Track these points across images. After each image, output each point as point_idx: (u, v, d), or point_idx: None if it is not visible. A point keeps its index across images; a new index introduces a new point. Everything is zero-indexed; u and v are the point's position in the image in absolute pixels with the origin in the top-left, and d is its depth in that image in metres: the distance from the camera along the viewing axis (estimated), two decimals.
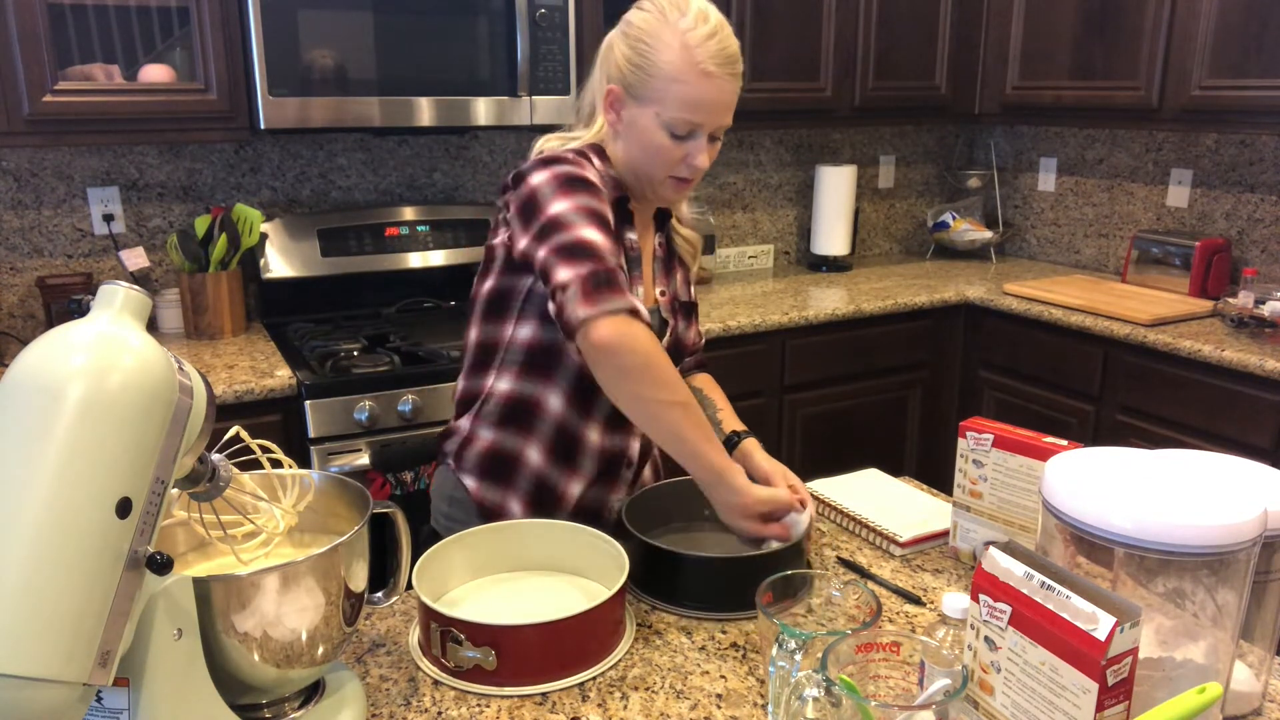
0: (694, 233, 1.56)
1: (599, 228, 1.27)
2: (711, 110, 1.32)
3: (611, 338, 1.21)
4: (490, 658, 1.08)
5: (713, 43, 1.30)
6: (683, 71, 1.29)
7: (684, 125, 1.32)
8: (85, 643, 0.73)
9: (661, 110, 1.31)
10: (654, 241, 1.50)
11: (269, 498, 1.08)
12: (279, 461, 1.10)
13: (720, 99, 1.32)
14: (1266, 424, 2.44)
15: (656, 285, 1.49)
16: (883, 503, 1.53)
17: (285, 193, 2.80)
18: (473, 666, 1.09)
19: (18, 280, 2.54)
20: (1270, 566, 1.01)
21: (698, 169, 1.35)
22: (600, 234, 1.26)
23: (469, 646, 1.09)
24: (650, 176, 1.37)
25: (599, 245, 1.25)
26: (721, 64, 1.31)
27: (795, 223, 3.65)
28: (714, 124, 1.34)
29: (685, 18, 1.31)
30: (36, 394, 0.74)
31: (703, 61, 1.29)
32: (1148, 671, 0.99)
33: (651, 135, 1.33)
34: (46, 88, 2.17)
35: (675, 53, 1.29)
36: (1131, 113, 2.95)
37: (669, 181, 1.37)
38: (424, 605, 1.13)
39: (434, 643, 1.12)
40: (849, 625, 1.08)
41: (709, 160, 1.36)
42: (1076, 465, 1.04)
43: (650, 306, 1.46)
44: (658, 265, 1.50)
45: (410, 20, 2.42)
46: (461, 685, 1.10)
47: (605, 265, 1.24)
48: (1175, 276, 3.05)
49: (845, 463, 1.93)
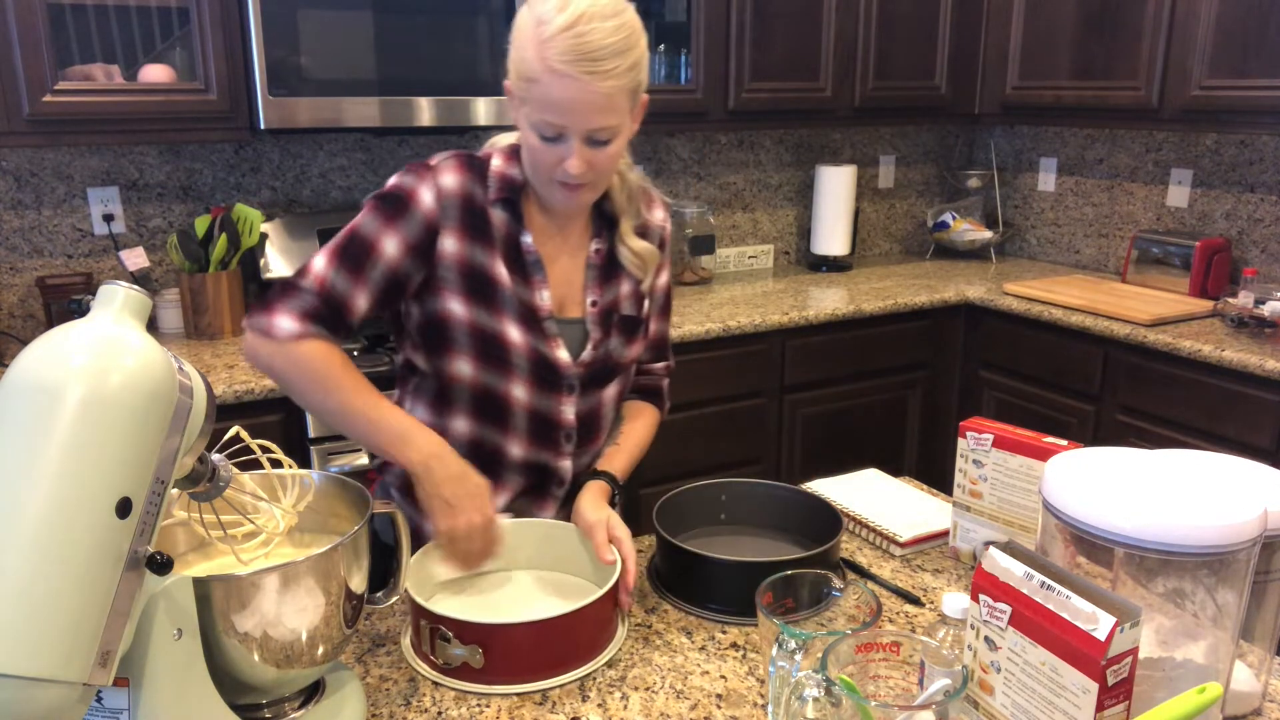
0: (648, 246, 1.42)
1: (335, 256, 1.28)
2: (571, 112, 1.19)
3: (244, 345, 1.29)
4: (478, 655, 1.09)
5: (564, 38, 1.16)
6: (536, 70, 1.18)
7: (547, 128, 1.21)
8: (85, 643, 0.73)
9: (529, 111, 1.22)
10: (589, 248, 1.40)
11: (269, 498, 1.08)
12: (279, 461, 1.10)
13: (580, 99, 1.18)
14: (1266, 424, 2.44)
15: (588, 294, 1.39)
16: (883, 503, 1.53)
17: (285, 193, 2.80)
18: (460, 664, 1.10)
19: (18, 280, 2.54)
20: (1270, 566, 1.01)
21: (572, 175, 1.24)
22: (326, 263, 1.27)
23: (457, 644, 1.09)
24: (537, 178, 1.30)
25: (308, 270, 1.28)
26: (573, 61, 1.16)
27: (795, 223, 3.65)
28: (580, 127, 1.20)
29: (545, 8, 1.19)
30: (37, 394, 0.74)
31: (551, 59, 1.17)
32: (1148, 671, 0.99)
33: (527, 137, 1.25)
34: (46, 88, 2.17)
35: (531, 50, 1.19)
36: (1131, 113, 2.95)
37: (554, 186, 1.28)
38: (414, 603, 1.14)
39: (424, 640, 1.13)
40: (849, 625, 1.08)
41: (587, 167, 1.24)
42: (1076, 465, 1.04)
43: (575, 316, 1.39)
44: (592, 273, 1.39)
45: (410, 20, 2.42)
46: (450, 683, 1.11)
47: (289, 287, 1.27)
48: (1175, 276, 3.05)
49: (845, 463, 1.93)
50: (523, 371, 1.34)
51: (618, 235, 1.41)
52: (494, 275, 1.32)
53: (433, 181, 1.30)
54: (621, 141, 1.27)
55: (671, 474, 2.45)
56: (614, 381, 1.44)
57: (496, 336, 1.32)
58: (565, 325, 1.38)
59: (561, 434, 1.40)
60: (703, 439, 2.82)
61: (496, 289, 1.32)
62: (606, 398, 1.44)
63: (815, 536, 1.35)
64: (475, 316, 1.32)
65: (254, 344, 1.27)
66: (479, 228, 1.32)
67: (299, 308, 1.26)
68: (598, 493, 1.35)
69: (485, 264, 1.32)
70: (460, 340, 1.33)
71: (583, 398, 1.40)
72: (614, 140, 1.25)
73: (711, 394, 2.82)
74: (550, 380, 1.36)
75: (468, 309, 1.32)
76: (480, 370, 1.33)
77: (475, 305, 1.32)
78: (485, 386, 1.34)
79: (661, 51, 2.99)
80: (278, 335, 1.25)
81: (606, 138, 1.23)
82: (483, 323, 1.32)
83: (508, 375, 1.34)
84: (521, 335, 1.33)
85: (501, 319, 1.33)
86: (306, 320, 1.26)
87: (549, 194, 1.31)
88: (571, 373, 1.38)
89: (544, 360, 1.35)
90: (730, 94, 2.99)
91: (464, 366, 1.34)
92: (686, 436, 2.78)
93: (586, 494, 1.35)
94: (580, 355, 1.38)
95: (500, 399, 1.35)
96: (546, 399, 1.37)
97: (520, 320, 1.33)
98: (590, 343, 1.39)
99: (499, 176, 1.33)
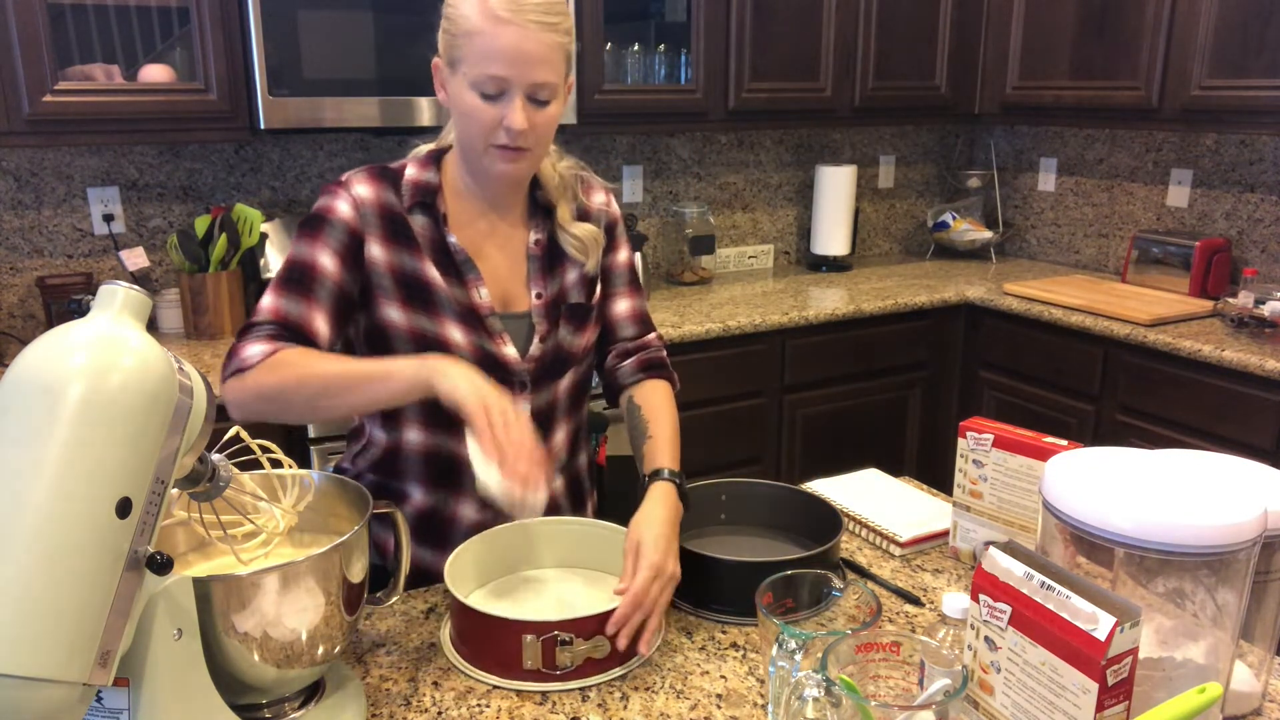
0: (589, 228, 1.42)
1: (279, 287, 1.27)
2: (515, 61, 1.20)
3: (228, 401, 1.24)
4: (602, 645, 1.10)
5: None
6: (478, 22, 1.20)
7: (490, 82, 1.21)
8: (85, 643, 0.73)
9: (468, 69, 1.22)
10: (528, 239, 1.39)
11: (269, 498, 1.08)
12: (279, 461, 1.10)
13: (523, 48, 1.20)
14: (1266, 424, 2.44)
15: (532, 287, 1.38)
16: (883, 503, 1.53)
17: (285, 193, 2.80)
18: (584, 660, 1.10)
19: (18, 280, 2.54)
20: (1270, 566, 1.01)
21: (515, 132, 1.23)
22: (273, 296, 1.27)
23: (580, 643, 1.09)
24: (473, 149, 1.28)
25: (259, 309, 1.27)
26: (516, 9, 1.19)
27: (795, 223, 3.65)
28: (524, 79, 1.22)
29: None
30: (37, 394, 0.74)
31: (494, 7, 1.19)
32: (1148, 671, 0.99)
33: (465, 99, 1.24)
34: (46, 88, 2.17)
35: (471, 4, 1.21)
36: (1131, 113, 2.95)
37: (493, 151, 1.26)
38: (515, 622, 1.10)
39: (529, 655, 1.09)
40: (849, 625, 1.08)
41: (528, 125, 1.23)
42: (1076, 465, 1.04)
43: (520, 310, 1.37)
44: (534, 265, 1.38)
45: (410, 20, 2.42)
46: (573, 684, 1.11)
47: (246, 329, 1.26)
48: (1175, 276, 3.05)
49: (845, 463, 1.93)
50: None
51: (556, 222, 1.41)
52: (426, 278, 1.31)
53: (346, 194, 1.31)
54: (558, 106, 1.28)
55: None
56: (568, 373, 1.42)
57: (438, 339, 1.31)
58: (510, 320, 1.36)
59: None
60: (703, 439, 2.82)
61: (431, 292, 1.31)
62: (561, 390, 1.42)
63: (815, 536, 1.35)
64: (414, 322, 1.31)
65: (233, 389, 1.23)
66: (401, 234, 1.31)
67: (262, 335, 1.24)
68: (656, 502, 1.25)
69: (415, 268, 1.31)
70: (402, 348, 1.31)
71: (537, 393, 1.38)
72: (553, 102, 1.26)
73: (711, 394, 2.82)
74: (500, 379, 1.32)
75: (405, 315, 1.30)
76: None
77: (413, 310, 1.31)
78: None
79: (661, 51, 2.99)
80: (250, 361, 1.22)
81: (546, 97, 1.25)
82: (422, 327, 1.31)
83: None
84: (464, 335, 1.32)
85: (441, 321, 1.31)
86: (272, 341, 1.24)
87: (487, 165, 1.29)
88: (521, 368, 1.36)
89: (491, 358, 1.33)
90: (730, 94, 2.99)
91: None
92: (686, 436, 2.75)
93: (644, 505, 1.25)
94: (529, 350, 1.37)
95: None
96: None
97: (460, 321, 1.32)
98: (537, 335, 1.37)
99: (412, 184, 1.34)
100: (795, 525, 1.42)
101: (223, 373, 1.25)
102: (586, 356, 1.46)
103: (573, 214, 1.42)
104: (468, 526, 1.38)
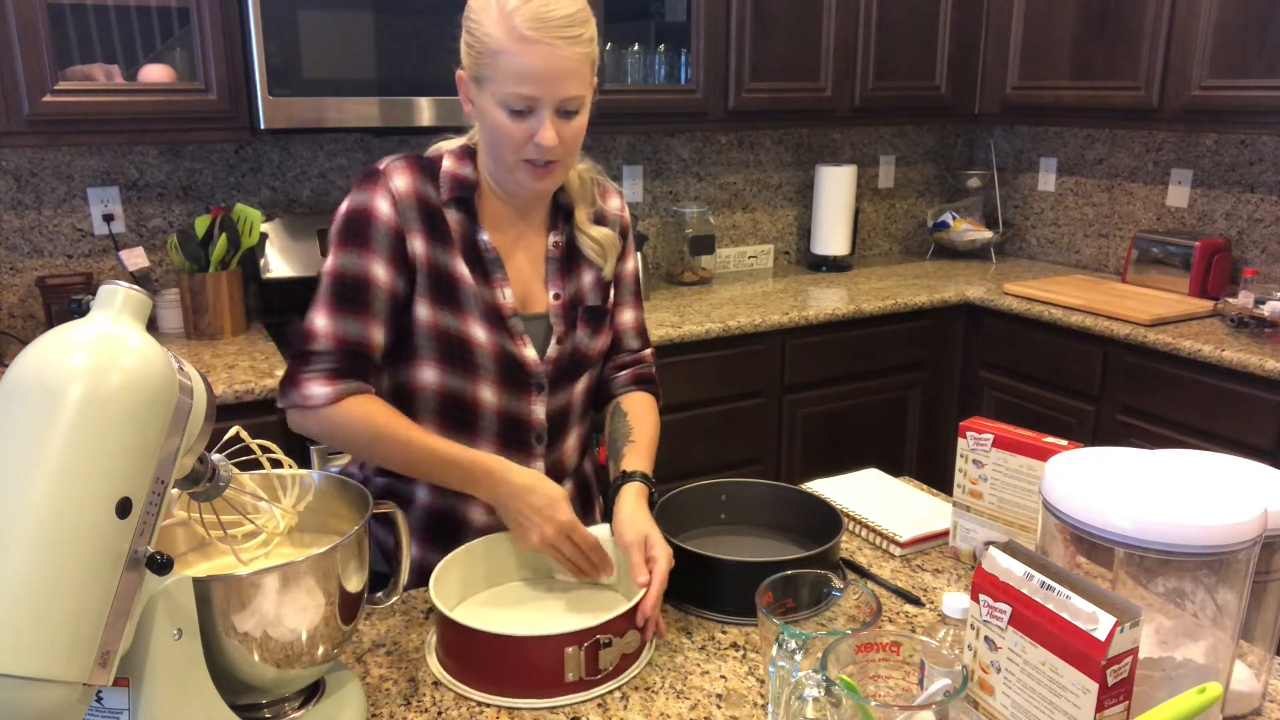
0: (607, 232, 1.43)
1: (333, 306, 1.26)
2: (543, 80, 1.20)
3: (294, 427, 1.29)
4: (633, 639, 1.12)
5: (529, 7, 1.18)
6: (503, 41, 1.19)
7: (518, 100, 1.21)
8: (85, 643, 0.73)
9: (496, 88, 1.21)
10: (546, 241, 1.40)
11: (269, 498, 1.08)
12: (279, 461, 1.10)
13: (551, 66, 1.19)
14: (1266, 424, 2.44)
15: (550, 288, 1.39)
16: (883, 503, 1.53)
17: (285, 193, 2.80)
18: (620, 658, 1.11)
19: (18, 280, 2.54)
20: (1270, 566, 1.01)
21: (545, 149, 1.23)
22: (328, 318, 1.26)
23: (617, 641, 1.10)
24: (503, 162, 1.28)
25: (313, 332, 1.26)
26: (541, 27, 1.18)
27: (795, 223, 3.65)
28: (552, 96, 1.21)
29: None
30: (37, 394, 0.74)
31: (519, 26, 1.18)
32: (1148, 671, 0.99)
33: (494, 116, 1.24)
34: (46, 88, 2.17)
35: (495, 23, 1.19)
36: (1131, 113, 2.95)
37: (523, 166, 1.26)
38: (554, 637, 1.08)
39: (572, 665, 1.08)
40: (849, 625, 1.08)
41: (558, 140, 1.23)
42: (1076, 465, 1.04)
43: (539, 312, 1.38)
44: (552, 266, 1.39)
45: (410, 20, 2.42)
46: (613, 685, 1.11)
47: (305, 355, 1.26)
48: (1175, 276, 3.05)
49: (845, 463, 1.93)
50: (490, 373, 1.32)
51: (575, 225, 1.41)
52: (456, 275, 1.31)
53: (385, 188, 1.29)
54: (585, 115, 1.28)
55: (671, 474, 2.45)
56: (583, 376, 1.43)
57: (461, 338, 1.31)
58: (529, 321, 1.36)
59: (532, 435, 1.38)
60: (703, 439, 2.82)
61: (460, 289, 1.31)
62: (576, 394, 1.42)
63: (815, 536, 1.35)
64: (439, 319, 1.30)
65: (296, 419, 1.27)
66: (437, 228, 1.31)
67: (323, 370, 1.25)
68: (637, 500, 1.29)
69: (448, 264, 1.31)
70: (424, 346, 1.31)
71: (552, 396, 1.39)
72: (580, 112, 1.26)
73: (711, 394, 2.82)
74: (519, 380, 1.34)
75: (432, 312, 1.30)
76: (446, 375, 1.31)
77: (440, 308, 1.30)
78: (451, 392, 1.32)
79: (661, 51, 2.99)
80: (314, 403, 1.24)
81: (575, 108, 1.25)
82: (446, 325, 1.30)
83: (474, 378, 1.32)
84: (487, 335, 1.31)
85: (466, 320, 1.31)
86: (335, 380, 1.24)
87: (516, 179, 1.29)
88: (539, 370, 1.36)
89: (511, 359, 1.33)
90: (730, 94, 2.99)
91: (428, 374, 1.32)
92: (687, 436, 2.78)
93: (625, 503, 1.29)
94: (546, 351, 1.37)
95: (468, 404, 1.33)
96: (516, 400, 1.35)
97: (485, 320, 1.32)
98: (554, 337, 1.38)
99: (451, 176, 1.33)
100: (795, 525, 1.42)
101: (280, 397, 1.28)
102: (600, 360, 1.46)
103: (590, 217, 1.43)
104: (479, 528, 1.38)
